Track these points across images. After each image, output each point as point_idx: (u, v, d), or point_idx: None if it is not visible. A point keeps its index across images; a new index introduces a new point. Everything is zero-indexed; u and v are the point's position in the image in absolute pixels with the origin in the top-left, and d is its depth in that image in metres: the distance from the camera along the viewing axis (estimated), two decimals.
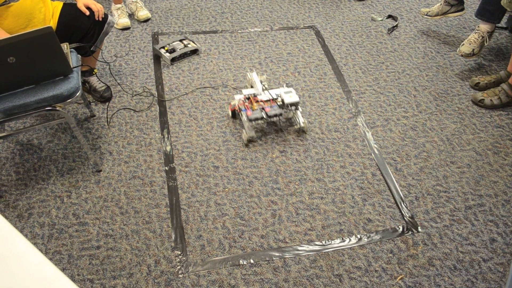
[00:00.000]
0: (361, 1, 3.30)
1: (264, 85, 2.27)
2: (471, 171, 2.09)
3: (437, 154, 2.16)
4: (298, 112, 2.24)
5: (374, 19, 3.13)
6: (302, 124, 2.21)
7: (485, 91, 2.44)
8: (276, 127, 2.28)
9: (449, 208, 1.93)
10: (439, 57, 2.79)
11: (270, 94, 2.22)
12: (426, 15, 2.92)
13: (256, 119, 2.14)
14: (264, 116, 2.15)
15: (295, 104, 2.19)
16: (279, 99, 2.21)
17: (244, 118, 2.18)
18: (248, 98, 2.21)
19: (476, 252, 1.77)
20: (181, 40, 2.77)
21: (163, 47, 2.70)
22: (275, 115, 2.16)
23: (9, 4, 1.83)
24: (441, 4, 2.87)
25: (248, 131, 2.15)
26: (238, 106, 2.22)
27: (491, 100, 2.39)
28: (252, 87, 2.32)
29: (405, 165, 2.11)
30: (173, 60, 2.65)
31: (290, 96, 2.18)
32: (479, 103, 2.42)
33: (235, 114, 2.31)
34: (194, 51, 2.73)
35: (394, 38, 2.95)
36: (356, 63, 2.73)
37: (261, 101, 2.20)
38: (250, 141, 2.19)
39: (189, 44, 2.74)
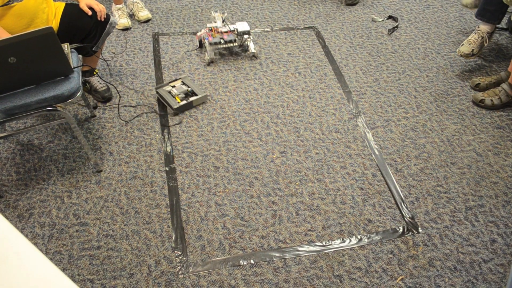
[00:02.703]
0: (353, 5, 3.28)
1: (225, 22, 2.77)
2: (472, 172, 2.09)
3: (438, 155, 2.16)
4: (250, 41, 2.75)
5: (375, 20, 3.13)
6: (253, 50, 2.71)
7: (486, 91, 2.44)
8: (232, 51, 2.79)
9: (450, 209, 1.93)
10: (440, 58, 2.79)
11: (228, 26, 2.72)
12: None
13: (215, 43, 2.67)
14: (222, 41, 2.67)
15: (247, 33, 2.70)
16: (235, 30, 2.70)
17: (206, 43, 2.67)
18: (211, 29, 2.71)
19: (476, 253, 1.77)
20: (183, 83, 2.49)
21: (177, 102, 2.35)
22: (231, 41, 2.69)
23: (12, 4, 1.83)
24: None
25: (209, 53, 2.65)
26: (203, 36, 2.71)
27: (491, 100, 2.39)
28: (216, 22, 2.79)
29: (405, 166, 2.11)
30: (178, 109, 2.36)
31: (242, 26, 2.71)
32: (479, 104, 2.42)
33: (201, 44, 2.78)
34: (202, 98, 2.42)
35: (395, 39, 2.95)
36: (356, 63, 2.73)
37: (221, 32, 2.70)
38: (211, 62, 2.69)
39: (193, 91, 2.44)
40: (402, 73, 2.67)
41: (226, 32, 2.71)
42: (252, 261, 1.71)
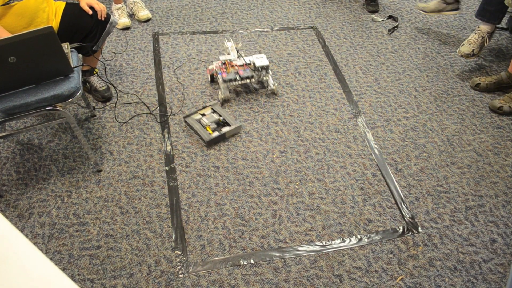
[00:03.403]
0: (374, 13, 3.23)
1: (240, 53, 2.49)
2: (472, 171, 2.09)
3: (438, 155, 2.16)
4: (269, 76, 2.45)
5: (375, 20, 3.13)
6: (272, 87, 2.43)
7: (501, 98, 2.40)
8: (249, 89, 2.49)
9: (450, 208, 1.93)
10: (440, 57, 2.79)
11: (244, 59, 2.45)
12: (422, 10, 2.92)
13: (230, 80, 2.38)
14: (237, 78, 2.38)
15: (266, 68, 2.41)
16: (252, 64, 2.42)
17: (220, 80, 2.38)
18: (224, 63, 2.43)
19: (476, 252, 1.77)
20: (199, 121, 2.25)
21: (209, 133, 2.16)
22: (247, 77, 2.40)
23: (12, 3, 1.83)
24: (438, 1, 2.87)
25: (223, 91, 2.36)
26: (215, 70, 2.43)
27: (509, 106, 2.37)
28: (229, 54, 2.51)
29: (405, 166, 2.11)
30: (210, 142, 2.17)
31: (260, 60, 2.41)
32: (498, 111, 2.38)
33: (213, 78, 2.51)
34: (236, 129, 2.23)
35: (395, 38, 2.95)
36: (356, 63, 2.73)
37: (236, 65, 2.43)
38: (225, 100, 2.40)
39: (204, 112, 2.30)
40: (402, 73, 2.67)
41: (242, 65, 2.43)
42: (252, 261, 1.71)
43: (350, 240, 1.80)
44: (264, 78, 2.45)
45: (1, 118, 1.73)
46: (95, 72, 2.37)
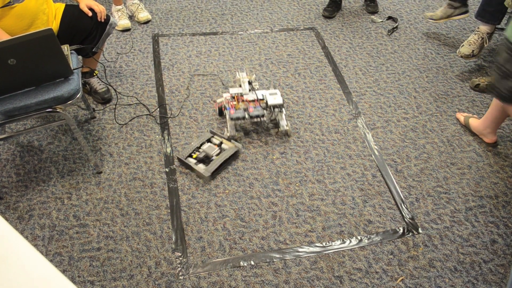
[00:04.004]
0: (373, 14, 3.24)
1: (252, 85, 2.26)
2: (472, 172, 2.09)
3: (438, 156, 2.16)
4: (282, 115, 2.22)
5: (374, 21, 3.14)
6: (285, 127, 2.19)
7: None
8: (260, 127, 2.26)
9: (450, 209, 1.93)
10: (439, 58, 2.79)
11: (256, 94, 2.21)
12: (431, 19, 2.91)
13: (238, 118, 2.15)
14: (246, 116, 2.15)
15: (279, 106, 2.18)
16: (265, 99, 2.20)
17: (227, 116, 2.18)
18: (234, 98, 2.22)
19: (476, 253, 1.77)
20: (209, 140, 2.16)
21: (191, 155, 2.08)
22: (257, 116, 2.16)
23: (12, 5, 1.84)
24: (445, 8, 2.87)
25: (230, 129, 2.16)
26: (224, 104, 2.23)
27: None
28: (240, 86, 2.30)
29: (405, 167, 2.11)
30: (213, 174, 2.02)
31: (274, 98, 2.18)
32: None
33: (222, 112, 2.30)
34: (234, 154, 2.11)
35: (394, 39, 2.95)
36: (356, 64, 2.74)
37: (247, 100, 2.20)
38: (233, 139, 2.17)
39: (222, 143, 2.15)
40: (401, 73, 2.67)
41: (253, 101, 2.20)
42: (252, 262, 1.71)
43: (350, 241, 1.80)
44: (277, 117, 2.23)
45: (1, 120, 1.73)
46: (95, 74, 2.37)
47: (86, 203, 1.92)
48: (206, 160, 2.06)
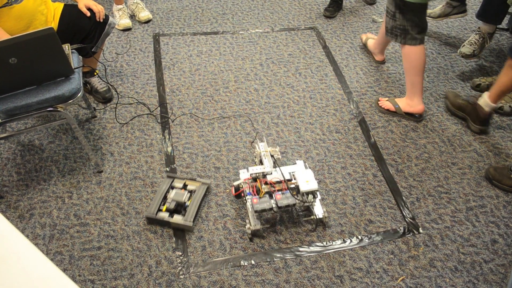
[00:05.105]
0: (371, 5, 3.29)
1: (277, 164, 1.81)
2: (472, 172, 2.09)
3: (438, 155, 2.16)
4: (317, 200, 1.83)
5: (375, 21, 3.13)
6: (320, 216, 1.79)
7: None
8: (285, 214, 1.87)
9: (450, 209, 1.93)
10: (440, 58, 2.79)
11: (282, 174, 1.78)
12: (429, 16, 2.91)
13: (264, 210, 1.71)
14: (274, 207, 1.73)
15: (313, 192, 1.75)
16: (293, 180, 1.80)
17: (249, 207, 1.79)
18: (255, 180, 1.80)
19: (477, 253, 1.77)
20: (171, 186, 1.91)
21: (160, 209, 1.81)
22: (287, 206, 1.71)
23: (11, 6, 1.84)
24: (443, 6, 2.87)
25: (253, 223, 1.74)
26: (244, 189, 1.81)
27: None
28: (260, 161, 1.86)
29: (406, 166, 2.11)
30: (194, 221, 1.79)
31: (307, 181, 1.73)
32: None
33: (240, 196, 1.87)
34: (207, 191, 1.92)
35: None
36: (357, 64, 2.74)
37: (271, 182, 1.77)
38: (256, 234, 1.80)
39: (187, 185, 1.92)
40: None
41: (278, 182, 1.77)
42: (252, 262, 1.71)
43: (351, 241, 1.80)
44: (310, 206, 1.81)
45: (2, 119, 1.73)
46: (95, 73, 2.37)
47: (86, 202, 1.92)
48: (179, 208, 1.82)
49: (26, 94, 1.74)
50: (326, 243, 1.78)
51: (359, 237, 1.81)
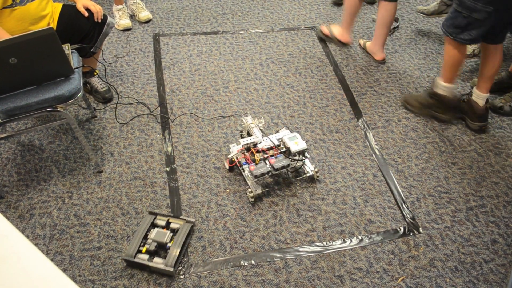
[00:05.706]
0: (371, 4, 3.31)
1: (264, 133, 2.00)
2: (472, 172, 2.09)
3: (438, 155, 2.16)
4: (307, 160, 1.98)
5: (375, 21, 3.13)
6: (311, 172, 1.95)
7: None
8: (280, 178, 2.00)
9: (451, 209, 1.93)
10: (440, 58, 2.78)
11: (271, 140, 1.93)
12: (422, 13, 2.94)
13: (262, 174, 1.84)
14: (271, 170, 1.86)
15: (303, 152, 1.92)
16: (286, 149, 1.92)
17: (247, 173, 1.90)
18: (248, 149, 1.92)
19: (477, 253, 1.76)
20: (153, 224, 1.76)
21: (139, 250, 1.65)
22: (283, 167, 1.86)
23: (14, 8, 1.84)
24: (437, 4, 2.87)
25: (254, 188, 1.87)
26: (238, 160, 1.93)
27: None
28: (248, 133, 2.03)
29: (406, 166, 2.11)
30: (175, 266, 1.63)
31: (296, 143, 1.90)
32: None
33: (232, 168, 1.99)
34: (190, 231, 1.77)
35: (395, 39, 2.95)
36: (357, 64, 2.73)
37: (262, 150, 1.92)
38: (257, 198, 1.92)
39: (170, 223, 1.76)
40: (402, 73, 2.67)
41: (270, 149, 1.92)
42: (253, 262, 1.71)
43: (351, 241, 1.80)
44: (302, 166, 1.97)
45: (2, 119, 1.73)
46: (95, 73, 2.37)
47: (87, 202, 1.92)
48: (160, 250, 1.69)
49: (26, 94, 1.74)
50: (326, 243, 1.78)
51: (359, 237, 1.81)
